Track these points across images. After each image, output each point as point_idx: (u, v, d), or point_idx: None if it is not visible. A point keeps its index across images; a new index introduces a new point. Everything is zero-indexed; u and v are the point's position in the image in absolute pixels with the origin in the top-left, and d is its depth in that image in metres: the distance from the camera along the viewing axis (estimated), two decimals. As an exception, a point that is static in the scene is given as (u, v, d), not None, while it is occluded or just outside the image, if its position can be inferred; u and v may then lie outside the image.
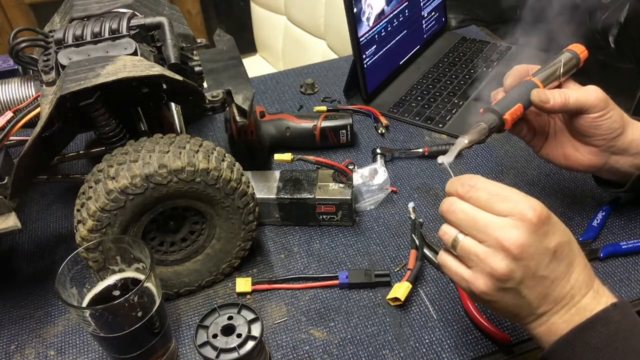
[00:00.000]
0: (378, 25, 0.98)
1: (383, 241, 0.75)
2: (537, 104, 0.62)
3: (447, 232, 0.50)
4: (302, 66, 1.14)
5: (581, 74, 0.66)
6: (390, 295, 0.66)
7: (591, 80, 0.65)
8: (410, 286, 0.67)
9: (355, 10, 0.91)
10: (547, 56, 0.67)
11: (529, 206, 0.46)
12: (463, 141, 0.60)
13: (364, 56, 0.96)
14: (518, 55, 1.11)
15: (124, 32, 0.68)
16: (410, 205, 0.78)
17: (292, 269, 0.72)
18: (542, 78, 0.64)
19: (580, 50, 0.67)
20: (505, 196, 0.47)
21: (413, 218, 0.76)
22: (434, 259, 0.71)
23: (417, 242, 0.72)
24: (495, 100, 0.65)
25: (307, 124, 0.89)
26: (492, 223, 0.47)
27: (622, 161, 0.64)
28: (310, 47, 1.67)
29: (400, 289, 0.66)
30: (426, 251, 0.72)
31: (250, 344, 0.55)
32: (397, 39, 1.05)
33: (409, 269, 0.69)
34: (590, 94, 0.61)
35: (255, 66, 1.90)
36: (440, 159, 0.61)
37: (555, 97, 0.61)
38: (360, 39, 0.94)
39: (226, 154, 0.66)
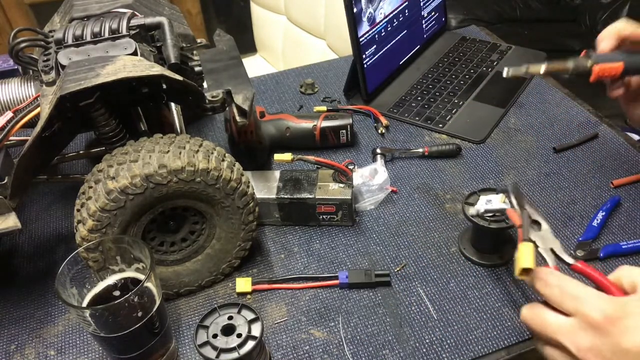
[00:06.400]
0: (378, 25, 0.98)
1: (383, 241, 0.75)
2: None
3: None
4: (302, 66, 1.14)
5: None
6: (520, 266, 0.51)
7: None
8: (532, 245, 0.53)
9: (355, 10, 0.91)
10: (547, 55, 0.66)
11: (595, 307, 0.45)
12: (541, 65, 0.56)
13: (364, 56, 0.96)
14: (518, 55, 1.11)
15: (124, 32, 0.68)
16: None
17: (292, 269, 0.72)
18: None
19: None
20: (573, 295, 0.47)
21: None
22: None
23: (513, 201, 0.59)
24: (600, 48, 0.60)
25: (307, 124, 0.89)
26: (559, 327, 0.47)
27: None
28: (310, 47, 1.67)
29: (526, 256, 0.51)
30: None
31: (250, 344, 0.55)
32: (397, 39, 1.05)
33: (519, 228, 0.56)
34: None
35: (255, 66, 1.90)
36: (506, 70, 0.56)
37: None
38: (360, 39, 0.94)
39: (226, 154, 0.66)
